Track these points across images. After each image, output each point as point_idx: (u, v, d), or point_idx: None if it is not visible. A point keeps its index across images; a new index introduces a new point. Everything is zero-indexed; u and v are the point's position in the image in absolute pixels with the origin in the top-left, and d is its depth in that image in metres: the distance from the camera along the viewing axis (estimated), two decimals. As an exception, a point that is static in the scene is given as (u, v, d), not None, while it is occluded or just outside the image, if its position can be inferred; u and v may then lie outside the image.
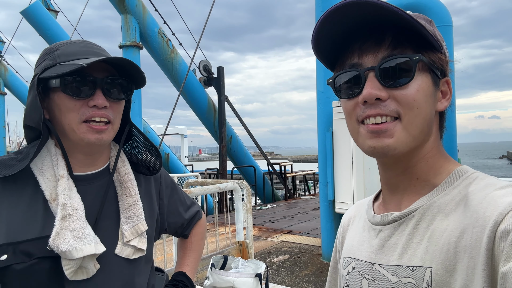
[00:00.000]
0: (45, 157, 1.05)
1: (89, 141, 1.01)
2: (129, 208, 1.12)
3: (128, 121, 1.21)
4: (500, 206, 0.60)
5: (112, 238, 1.08)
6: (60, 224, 0.96)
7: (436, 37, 0.71)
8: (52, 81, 1.00)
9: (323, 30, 0.72)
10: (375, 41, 0.70)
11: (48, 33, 13.59)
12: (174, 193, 1.38)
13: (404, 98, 0.68)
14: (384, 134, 0.69)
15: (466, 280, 0.61)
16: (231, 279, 2.17)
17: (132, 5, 10.64)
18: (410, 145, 0.71)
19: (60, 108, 1.01)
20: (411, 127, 0.69)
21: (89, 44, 1.07)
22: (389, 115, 0.69)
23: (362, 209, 0.90)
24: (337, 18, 0.69)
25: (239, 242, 3.59)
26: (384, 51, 0.70)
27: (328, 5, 5.83)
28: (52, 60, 1.02)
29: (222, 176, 12.52)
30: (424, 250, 0.68)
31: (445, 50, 0.74)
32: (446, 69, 0.74)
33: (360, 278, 0.79)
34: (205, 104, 12.64)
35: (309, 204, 11.93)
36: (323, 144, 6.03)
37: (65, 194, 1.00)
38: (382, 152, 0.70)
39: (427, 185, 0.74)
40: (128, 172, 1.17)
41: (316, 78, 6.10)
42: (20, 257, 0.94)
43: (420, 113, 0.69)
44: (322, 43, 0.75)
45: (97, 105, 1.00)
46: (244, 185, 4.06)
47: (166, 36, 11.57)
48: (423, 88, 0.70)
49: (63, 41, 1.07)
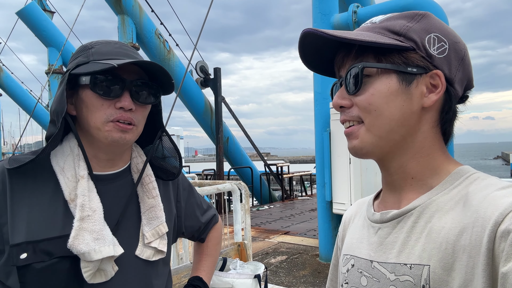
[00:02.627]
0: (68, 156, 1.04)
1: (113, 139, 1.01)
2: (150, 209, 1.12)
3: (161, 126, 1.21)
4: (501, 206, 0.60)
5: (132, 239, 1.08)
6: (79, 225, 0.96)
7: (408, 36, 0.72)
8: (82, 78, 1.00)
9: (304, 52, 0.81)
10: (345, 53, 0.78)
11: (44, 34, 13.54)
12: (191, 196, 1.37)
13: (360, 103, 0.74)
14: (351, 136, 0.77)
15: (465, 279, 0.62)
16: (230, 280, 2.16)
17: (129, 6, 10.61)
18: (379, 145, 0.75)
19: (87, 106, 1.01)
20: (374, 128, 0.74)
21: (124, 45, 1.08)
22: (353, 120, 0.76)
23: (363, 207, 0.91)
24: (308, 42, 0.78)
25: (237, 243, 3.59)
26: (350, 62, 0.77)
27: (324, 6, 5.85)
28: (86, 58, 1.02)
29: (219, 177, 12.51)
30: (421, 248, 0.68)
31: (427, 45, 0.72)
32: (428, 64, 0.72)
33: (359, 276, 0.79)
34: (202, 105, 12.62)
35: (306, 205, 11.94)
36: (321, 145, 6.04)
37: (84, 195, 0.99)
38: (353, 152, 0.78)
39: (424, 184, 0.75)
40: (150, 173, 1.17)
41: (313, 79, 6.12)
42: (40, 256, 0.93)
43: (380, 114, 0.73)
44: (312, 64, 0.84)
45: (124, 107, 1.00)
46: (242, 186, 4.06)
47: (163, 37, 11.55)
48: (380, 91, 0.73)
49: (100, 40, 1.08)
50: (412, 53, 0.72)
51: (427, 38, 0.72)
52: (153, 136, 1.21)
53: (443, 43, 0.73)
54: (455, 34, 0.76)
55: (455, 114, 0.78)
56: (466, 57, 0.76)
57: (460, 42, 0.76)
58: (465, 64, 0.76)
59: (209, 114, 12.81)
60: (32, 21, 13.42)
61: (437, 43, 0.73)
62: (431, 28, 0.73)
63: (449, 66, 0.73)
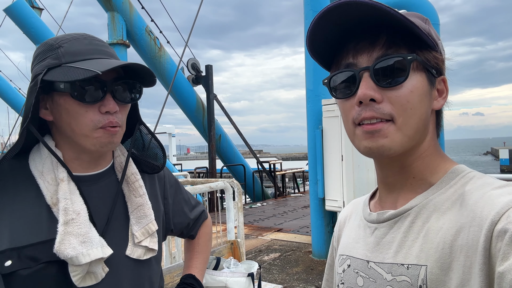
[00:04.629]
0: (46, 159, 1.01)
1: (102, 144, 0.99)
2: (138, 208, 1.10)
3: (138, 119, 1.18)
4: (497, 205, 0.60)
5: (122, 240, 1.06)
6: (63, 230, 0.93)
7: (431, 35, 0.71)
8: (59, 85, 0.95)
9: (317, 31, 0.72)
10: (369, 41, 0.70)
11: (32, 31, 13.33)
12: (179, 192, 1.35)
13: (398, 100, 0.68)
14: (378, 133, 0.69)
15: (463, 279, 0.61)
16: (224, 279, 2.16)
17: (119, 3, 10.50)
18: (406, 146, 0.71)
19: (68, 112, 0.97)
20: (406, 128, 0.69)
21: (93, 40, 1.02)
22: (383, 118, 0.69)
23: (359, 207, 0.90)
24: (331, 18, 0.69)
25: (230, 241, 3.58)
26: (379, 50, 0.69)
27: (316, 3, 5.84)
28: (56, 60, 0.96)
29: (212, 175, 12.48)
30: (419, 249, 0.68)
31: (441, 49, 0.75)
32: (442, 67, 0.74)
33: (355, 276, 0.79)
34: (193, 102, 12.57)
35: (299, 202, 11.98)
36: (313, 142, 6.05)
37: (66, 198, 0.96)
38: (378, 153, 0.70)
39: (423, 183, 0.74)
40: (135, 172, 1.15)
41: (305, 76, 6.12)
42: (26, 262, 0.91)
43: (414, 113, 0.69)
44: (316, 43, 0.75)
45: (109, 111, 0.97)
46: (235, 184, 4.05)
47: (154, 34, 11.46)
48: (417, 88, 0.69)
49: (65, 37, 1.00)
50: (437, 54, 0.72)
51: (439, 42, 0.74)
52: (131, 129, 1.18)
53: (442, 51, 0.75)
54: None
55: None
56: None
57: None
58: None
59: (201, 112, 12.76)
60: (20, 18, 13.20)
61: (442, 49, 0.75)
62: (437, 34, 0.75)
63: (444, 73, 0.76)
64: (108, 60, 0.98)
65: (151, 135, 1.23)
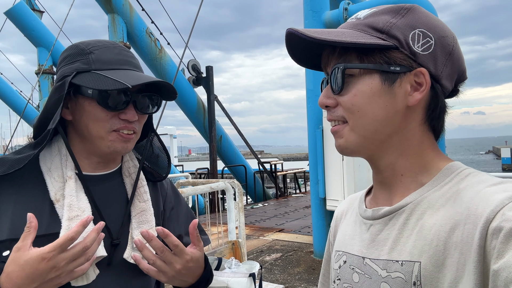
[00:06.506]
0: (55, 157, 1.04)
1: (115, 149, 1.03)
2: (141, 213, 1.11)
3: (150, 127, 1.21)
4: (492, 203, 0.60)
5: (121, 243, 1.07)
6: (68, 225, 0.95)
7: (391, 34, 0.70)
8: (87, 90, 0.99)
9: (292, 47, 0.80)
10: (329, 51, 0.77)
11: (33, 34, 13.36)
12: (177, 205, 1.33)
13: (344, 104, 0.75)
14: (336, 135, 0.78)
15: (456, 275, 0.62)
16: (225, 279, 2.17)
17: (119, 5, 10.51)
18: (364, 144, 0.75)
19: (89, 115, 1.01)
20: (358, 129, 0.74)
21: (123, 50, 1.06)
22: (338, 119, 0.77)
23: (355, 203, 0.91)
24: (295, 40, 0.77)
25: (231, 242, 3.59)
26: (335, 60, 0.76)
27: (316, 3, 5.85)
28: (86, 65, 1.00)
29: (213, 176, 12.48)
30: (412, 245, 0.68)
31: (410, 42, 0.70)
32: (412, 62, 0.71)
33: (351, 272, 0.79)
34: (194, 104, 12.57)
35: (300, 202, 11.97)
36: (314, 142, 6.05)
37: (71, 195, 0.99)
38: (339, 151, 0.79)
39: (414, 181, 0.75)
40: (141, 177, 1.17)
41: (305, 77, 6.12)
42: None
43: (363, 115, 0.73)
44: (297, 53, 0.82)
45: (128, 119, 1.02)
46: (236, 184, 4.06)
47: (154, 36, 11.47)
48: (362, 92, 0.72)
49: (96, 43, 1.04)
50: (395, 52, 0.71)
51: (411, 34, 0.70)
52: (143, 136, 1.20)
53: (428, 39, 0.71)
54: (443, 27, 0.73)
55: (443, 110, 0.76)
56: (455, 51, 0.73)
57: (448, 36, 0.73)
58: (454, 58, 0.73)
59: (202, 113, 12.77)
60: (21, 21, 13.22)
61: (421, 40, 0.70)
62: (416, 24, 0.71)
63: (434, 62, 0.71)
64: (136, 73, 1.02)
65: (162, 145, 1.26)
